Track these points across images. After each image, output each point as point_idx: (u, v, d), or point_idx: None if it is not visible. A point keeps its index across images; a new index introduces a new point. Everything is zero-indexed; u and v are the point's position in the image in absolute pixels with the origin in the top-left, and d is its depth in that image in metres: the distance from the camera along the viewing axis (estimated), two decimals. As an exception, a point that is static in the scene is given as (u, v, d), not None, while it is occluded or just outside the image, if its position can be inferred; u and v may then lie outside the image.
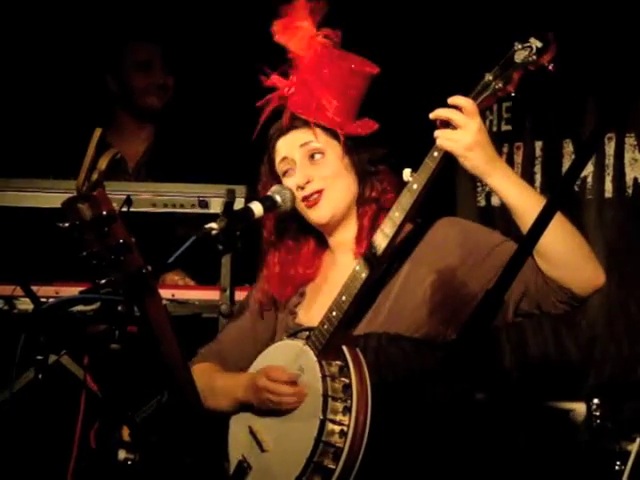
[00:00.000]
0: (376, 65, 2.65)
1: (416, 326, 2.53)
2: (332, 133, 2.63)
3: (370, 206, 2.62)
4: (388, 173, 2.63)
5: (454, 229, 2.59)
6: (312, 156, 2.64)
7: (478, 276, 2.51)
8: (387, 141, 2.70)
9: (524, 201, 2.40)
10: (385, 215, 2.52)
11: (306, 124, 2.63)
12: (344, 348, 2.50)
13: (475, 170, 2.41)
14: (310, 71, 2.64)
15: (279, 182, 2.68)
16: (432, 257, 2.57)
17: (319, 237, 2.73)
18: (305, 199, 2.63)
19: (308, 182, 2.62)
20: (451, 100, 2.40)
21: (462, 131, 2.38)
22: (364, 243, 2.59)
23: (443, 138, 2.40)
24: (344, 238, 2.67)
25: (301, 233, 2.71)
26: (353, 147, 2.64)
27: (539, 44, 2.39)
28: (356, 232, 2.64)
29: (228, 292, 3.32)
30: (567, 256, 2.40)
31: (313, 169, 2.63)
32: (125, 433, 3.03)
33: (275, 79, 2.69)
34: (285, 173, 2.67)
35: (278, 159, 2.68)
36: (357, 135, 2.63)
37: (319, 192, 2.62)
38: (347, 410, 2.43)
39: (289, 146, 2.65)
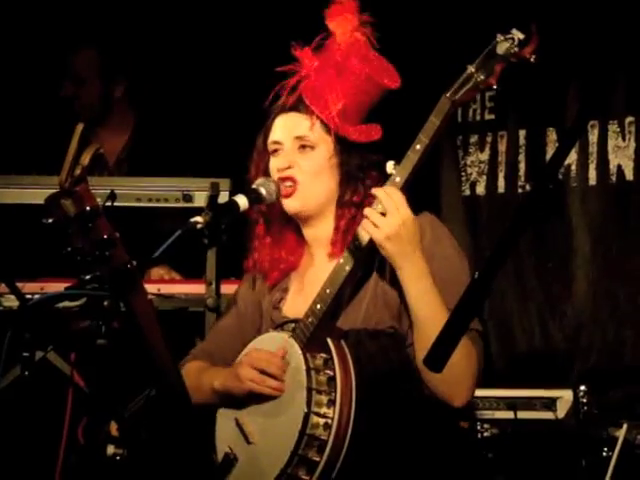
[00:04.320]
0: (399, 78, 2.61)
1: (390, 322, 2.54)
2: (330, 130, 2.62)
3: (349, 209, 2.61)
4: (377, 180, 2.59)
5: (429, 233, 2.57)
6: (302, 146, 2.64)
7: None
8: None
9: (420, 306, 2.44)
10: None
11: (308, 111, 2.62)
12: (329, 340, 2.50)
13: (388, 258, 2.46)
14: (334, 62, 2.62)
15: (269, 156, 2.68)
16: None
17: (299, 230, 2.73)
18: (279, 182, 2.63)
19: (289, 167, 2.62)
20: (377, 191, 2.43)
21: (386, 220, 2.41)
22: (339, 245, 2.59)
23: (368, 221, 2.43)
24: (319, 234, 2.67)
25: (286, 220, 2.71)
26: (345, 150, 2.62)
27: (521, 36, 2.38)
28: (332, 233, 2.64)
29: (214, 285, 3.32)
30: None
31: (298, 157, 2.63)
32: (113, 428, 3.03)
33: (303, 54, 2.66)
34: (274, 152, 2.67)
35: (272, 138, 2.68)
36: (353, 140, 2.61)
37: (293, 182, 2.62)
38: (331, 403, 2.43)
39: (285, 130, 2.65)
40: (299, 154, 2.63)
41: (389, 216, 2.42)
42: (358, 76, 2.60)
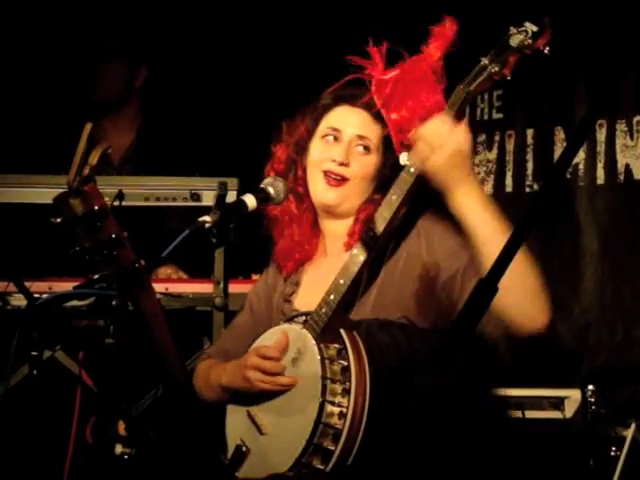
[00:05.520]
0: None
1: (401, 313, 2.55)
2: (389, 143, 2.64)
3: (372, 204, 2.64)
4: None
5: (435, 229, 2.58)
6: (359, 146, 2.64)
7: (444, 287, 2.53)
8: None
9: (480, 228, 2.41)
10: None
11: (379, 116, 2.64)
12: (342, 331, 2.52)
13: (442, 185, 2.44)
14: (412, 80, 2.62)
15: (311, 137, 2.67)
16: (413, 247, 2.59)
17: (315, 220, 2.74)
18: (329, 173, 2.64)
19: (344, 164, 2.62)
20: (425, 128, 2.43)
21: (440, 149, 2.41)
22: (356, 235, 2.61)
23: (420, 150, 2.43)
24: (338, 228, 2.69)
25: (301, 212, 2.72)
26: (390, 161, 2.65)
27: (534, 28, 2.40)
28: (351, 224, 2.65)
29: (222, 285, 3.32)
30: (515, 288, 2.28)
31: (354, 157, 2.64)
32: (121, 427, 3.03)
33: (379, 56, 2.66)
34: (325, 136, 2.66)
35: (329, 123, 2.67)
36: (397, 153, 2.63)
37: (345, 180, 2.62)
38: (346, 392, 2.45)
39: (351, 124, 2.65)
40: (356, 153, 2.64)
41: (439, 148, 2.40)
42: (425, 102, 2.60)
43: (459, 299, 2.49)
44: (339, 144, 2.64)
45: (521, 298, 2.37)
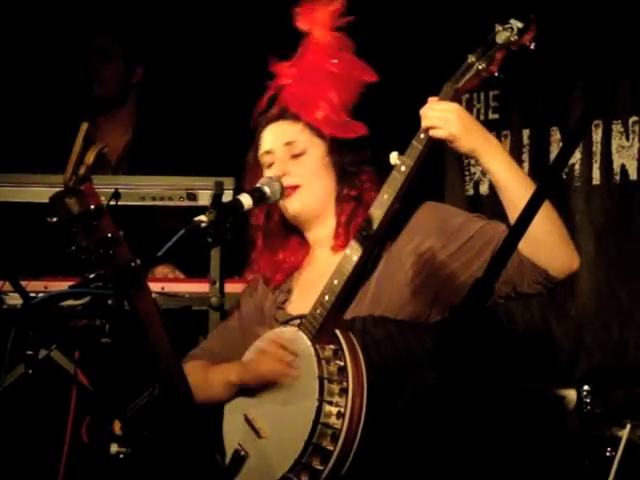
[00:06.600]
0: (375, 74, 2.65)
1: (399, 308, 2.56)
2: (318, 132, 2.66)
3: (349, 203, 2.65)
4: (370, 173, 2.65)
5: (435, 213, 2.61)
6: (294, 155, 2.66)
7: (459, 259, 2.54)
8: (372, 128, 2.71)
9: (509, 184, 2.44)
10: (364, 211, 2.55)
11: (294, 117, 2.66)
12: (337, 332, 2.52)
13: (468, 152, 2.46)
14: (312, 66, 2.66)
15: (261, 171, 2.70)
16: (413, 240, 2.60)
17: (302, 235, 2.75)
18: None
19: (284, 175, 2.64)
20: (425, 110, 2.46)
21: (446, 125, 2.42)
22: (342, 238, 2.62)
23: (433, 122, 2.43)
24: (320, 234, 2.70)
25: (287, 227, 2.74)
26: (337, 148, 2.67)
27: (520, 24, 2.42)
28: (334, 228, 2.66)
29: (218, 284, 3.32)
30: (546, 237, 2.43)
31: (292, 164, 2.66)
32: (117, 427, 3.03)
33: (276, 66, 2.71)
34: (269, 166, 2.69)
35: (262, 150, 2.72)
36: (344, 138, 2.64)
37: (294, 187, 2.64)
38: (343, 392, 2.46)
39: (274, 139, 2.69)
40: (291, 161, 2.66)
41: (445, 123, 2.42)
42: (337, 75, 2.64)
43: (484, 250, 2.51)
44: (275, 162, 2.67)
45: (558, 242, 2.46)
